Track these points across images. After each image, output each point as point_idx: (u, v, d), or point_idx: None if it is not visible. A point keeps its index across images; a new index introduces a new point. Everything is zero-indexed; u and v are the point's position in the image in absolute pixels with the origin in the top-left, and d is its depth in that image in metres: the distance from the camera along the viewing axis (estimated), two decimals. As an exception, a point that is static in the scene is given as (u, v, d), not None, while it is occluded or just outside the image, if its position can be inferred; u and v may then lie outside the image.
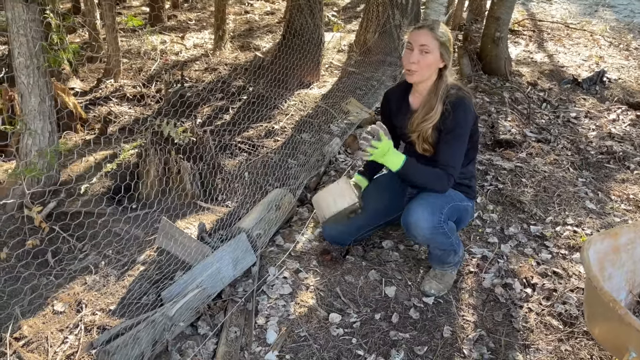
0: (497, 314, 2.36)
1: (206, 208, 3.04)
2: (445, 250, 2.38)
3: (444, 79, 2.22)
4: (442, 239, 2.30)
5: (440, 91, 2.20)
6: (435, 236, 2.27)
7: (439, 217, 2.24)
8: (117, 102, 4.63)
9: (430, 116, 2.21)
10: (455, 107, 2.17)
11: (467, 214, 2.48)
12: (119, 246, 2.67)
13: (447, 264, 2.46)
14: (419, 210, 2.22)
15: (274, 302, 2.35)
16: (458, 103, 2.18)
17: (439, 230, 2.26)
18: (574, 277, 2.61)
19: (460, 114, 2.17)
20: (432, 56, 2.16)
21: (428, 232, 2.23)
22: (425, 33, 2.16)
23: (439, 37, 2.15)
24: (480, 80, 5.28)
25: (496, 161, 3.69)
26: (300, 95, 4.79)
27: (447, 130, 2.20)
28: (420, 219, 2.21)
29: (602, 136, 4.23)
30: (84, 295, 2.37)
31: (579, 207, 3.19)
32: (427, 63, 2.17)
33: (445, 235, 2.30)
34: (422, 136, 2.26)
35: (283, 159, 3.60)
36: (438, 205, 2.25)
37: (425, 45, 2.15)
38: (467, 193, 2.44)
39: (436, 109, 2.19)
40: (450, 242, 2.35)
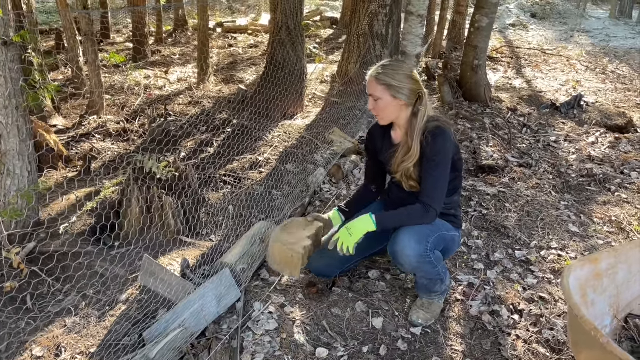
0: (485, 342, 2.33)
1: (190, 243, 3.01)
2: (431, 280, 2.37)
3: (418, 115, 2.22)
4: (428, 268, 2.30)
5: (415, 129, 2.21)
6: (422, 265, 2.27)
7: (425, 246, 2.24)
8: (100, 138, 4.61)
9: (410, 156, 2.23)
10: (434, 136, 2.19)
11: (454, 243, 2.48)
12: (100, 286, 2.61)
13: (434, 293, 2.44)
14: (406, 239, 2.22)
15: (260, 339, 2.30)
16: (437, 132, 2.19)
17: (426, 259, 2.25)
18: (560, 302, 2.60)
19: (439, 143, 2.18)
20: (383, 101, 2.21)
21: (414, 260, 2.22)
22: (371, 82, 2.22)
23: (383, 82, 2.18)
24: (461, 107, 5.36)
25: (480, 187, 3.72)
26: (284, 127, 4.82)
27: (427, 160, 2.21)
28: (407, 247, 2.21)
29: (582, 159, 4.29)
30: (64, 339, 2.31)
31: (562, 231, 3.21)
32: (381, 108, 2.23)
33: (431, 264, 2.29)
34: (405, 175, 2.29)
35: (267, 191, 3.60)
36: (424, 234, 2.25)
37: (373, 94, 2.22)
38: (453, 222, 2.44)
39: (414, 148, 2.21)
40: (437, 272, 2.34)
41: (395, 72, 2.20)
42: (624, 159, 4.25)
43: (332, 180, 3.82)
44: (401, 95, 2.20)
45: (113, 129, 4.73)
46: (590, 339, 1.52)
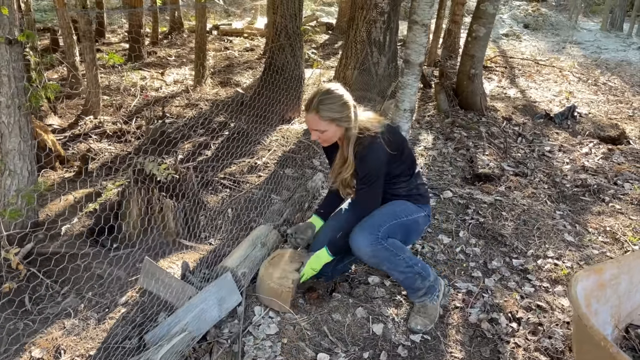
0: (484, 349, 2.36)
1: (189, 246, 3.00)
2: (404, 273, 2.42)
3: (351, 130, 2.31)
4: (388, 255, 2.36)
5: (350, 142, 2.32)
6: (379, 252, 2.34)
7: (376, 234, 2.34)
8: (97, 138, 4.59)
9: (346, 167, 2.37)
10: (362, 158, 2.31)
11: (417, 225, 2.54)
12: (100, 288, 2.60)
13: (420, 291, 2.46)
14: (356, 231, 2.36)
15: (261, 343, 2.31)
16: (363, 153, 2.30)
17: (378, 245, 2.33)
18: (557, 310, 2.63)
19: (366, 164, 2.32)
20: (329, 132, 2.29)
21: (369, 249, 2.33)
22: (313, 118, 2.27)
23: (327, 116, 2.25)
24: (457, 115, 5.41)
25: (476, 195, 3.75)
26: (282, 131, 4.83)
27: (358, 177, 2.37)
28: (358, 238, 2.33)
29: (576, 169, 4.35)
30: (63, 340, 2.29)
31: (558, 240, 3.25)
32: (327, 138, 2.32)
33: (387, 250, 2.36)
34: (342, 184, 2.45)
35: (266, 195, 3.60)
36: (375, 224, 2.37)
37: (317, 130, 2.29)
38: (417, 200, 2.53)
39: (350, 159, 2.33)
40: (402, 260, 2.39)
41: (334, 104, 2.27)
42: (617, 170, 4.31)
43: None
44: (343, 123, 2.29)
45: (110, 130, 4.71)
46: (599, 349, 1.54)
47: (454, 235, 3.23)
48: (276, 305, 2.48)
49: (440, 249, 3.09)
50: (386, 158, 2.33)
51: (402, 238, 2.48)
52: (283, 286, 2.46)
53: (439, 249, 3.08)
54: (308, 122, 2.30)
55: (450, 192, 3.75)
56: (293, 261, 2.60)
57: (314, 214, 2.76)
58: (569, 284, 1.80)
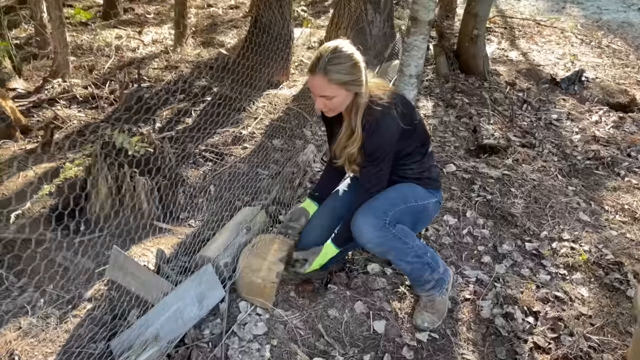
0: (499, 350, 2.09)
1: (166, 229, 2.67)
2: (411, 264, 2.11)
3: (361, 97, 1.96)
4: (396, 244, 2.05)
5: (359, 110, 1.97)
6: (387, 241, 2.04)
7: (384, 219, 2.03)
8: (65, 104, 4.17)
9: (353, 140, 2.01)
10: (370, 131, 1.96)
11: (427, 212, 2.23)
12: (62, 280, 2.28)
13: (428, 284, 2.17)
14: (359, 216, 2.04)
15: (247, 346, 2.01)
16: (373, 126, 1.96)
17: (387, 233, 2.02)
18: (577, 302, 2.37)
19: (376, 139, 1.97)
20: (338, 98, 1.92)
21: (374, 236, 2.02)
22: (320, 81, 1.88)
23: (336, 80, 1.87)
24: (457, 79, 5.05)
25: (482, 169, 3.44)
26: (269, 97, 4.44)
27: (366, 153, 2.02)
28: (361, 224, 2.03)
29: (587, 140, 4.05)
30: (18, 344, 1.98)
31: (573, 220, 2.97)
32: (335, 105, 1.95)
33: (397, 239, 2.05)
34: (348, 160, 2.11)
35: (253, 169, 3.26)
36: (382, 209, 2.05)
37: (325, 95, 1.91)
38: (428, 184, 2.20)
39: (358, 131, 1.98)
40: (411, 249, 2.09)
41: (344, 65, 1.89)
42: (630, 140, 4.02)
43: (324, 158, 3.49)
44: (354, 87, 1.93)
45: (80, 94, 4.28)
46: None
47: (460, 215, 2.93)
48: (258, 302, 2.18)
49: (446, 231, 2.79)
50: (398, 134, 1.98)
51: (410, 226, 2.16)
52: (266, 280, 2.15)
53: (444, 231, 2.79)
54: (314, 87, 1.91)
55: (454, 166, 3.44)
56: (277, 250, 2.28)
57: (308, 197, 2.44)
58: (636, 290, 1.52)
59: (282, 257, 2.24)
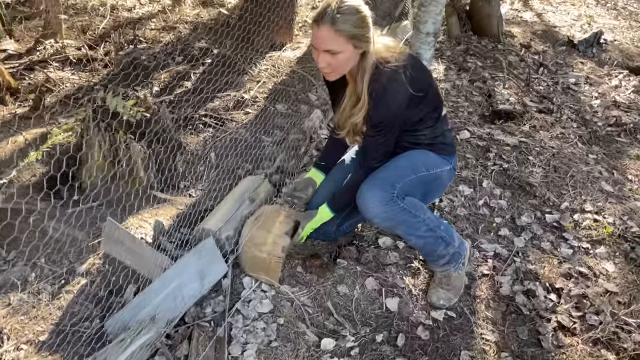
0: (521, 330, 1.96)
1: (164, 199, 2.52)
2: (423, 238, 1.96)
3: (368, 58, 1.77)
4: (406, 217, 1.90)
5: (365, 74, 1.79)
6: (395, 215, 1.88)
7: (390, 192, 1.87)
8: (58, 66, 3.96)
9: (359, 108, 1.84)
10: (377, 98, 1.79)
11: (440, 181, 2.06)
12: (55, 253, 2.14)
13: (442, 259, 2.01)
14: (365, 189, 1.90)
15: (252, 325, 1.89)
16: (380, 94, 1.78)
17: (395, 207, 1.87)
18: (602, 277, 2.23)
19: (382, 107, 1.80)
20: (343, 55, 1.72)
21: (381, 210, 1.87)
22: (326, 32, 1.67)
23: (344, 31, 1.67)
24: (470, 41, 4.80)
25: (497, 136, 3.26)
26: (272, 59, 4.21)
27: (370, 124, 1.86)
28: (367, 197, 1.89)
29: (607, 105, 3.85)
30: (7, 322, 1.86)
31: (595, 190, 2.81)
32: (339, 64, 1.76)
33: (406, 212, 1.90)
34: (352, 131, 1.97)
35: (256, 136, 3.08)
36: (389, 181, 1.90)
37: (330, 50, 1.70)
38: (442, 150, 2.03)
39: (364, 98, 1.81)
40: (422, 223, 1.93)
41: (353, 16, 1.68)
42: (653, 106, 3.82)
43: (330, 124, 3.30)
44: (362, 43, 1.73)
45: (73, 56, 4.06)
46: None
47: (476, 184, 2.77)
48: (263, 278, 2.04)
49: (461, 202, 2.63)
50: (406, 101, 1.79)
51: (421, 197, 2.00)
52: (272, 255, 2.00)
53: (459, 202, 2.63)
54: (319, 39, 1.70)
55: (468, 132, 3.25)
56: (283, 223, 2.12)
57: (313, 167, 2.27)
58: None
59: (289, 230, 2.09)
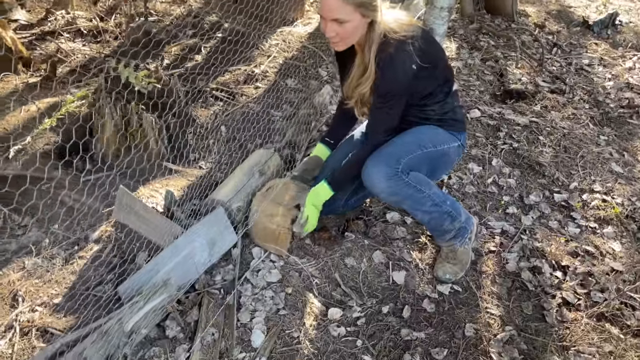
0: (525, 305, 1.99)
1: (175, 170, 2.54)
2: (429, 213, 1.97)
3: (375, 28, 1.77)
4: (411, 191, 1.91)
5: (373, 45, 1.79)
6: (399, 189, 1.89)
7: (395, 167, 1.88)
8: (69, 37, 3.96)
9: (366, 77, 1.85)
10: (384, 67, 1.78)
11: (447, 157, 2.07)
12: (67, 220, 2.18)
13: (448, 233, 2.03)
14: (370, 164, 1.92)
15: (260, 293, 1.92)
16: (387, 65, 1.78)
17: (399, 182, 1.88)
18: (608, 256, 2.25)
19: (389, 77, 1.79)
20: (351, 24, 1.73)
21: (386, 185, 1.88)
22: (334, 1, 1.68)
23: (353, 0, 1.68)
24: (483, 20, 4.74)
25: (508, 115, 3.25)
26: (283, 34, 4.19)
27: (377, 94, 1.85)
28: (372, 172, 1.90)
29: (620, 87, 3.81)
30: (22, 285, 1.91)
31: (605, 171, 2.80)
32: (347, 33, 1.76)
33: (410, 186, 1.91)
34: (360, 101, 1.96)
35: (265, 110, 3.09)
36: (394, 154, 1.91)
37: (338, 18, 1.71)
38: (451, 126, 2.03)
39: (371, 67, 1.81)
40: (427, 198, 1.94)
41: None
42: (667, 89, 3.77)
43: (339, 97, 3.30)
44: (370, 12, 1.73)
45: (84, 27, 4.06)
46: None
47: (485, 163, 2.77)
48: (272, 249, 2.07)
49: (470, 180, 2.64)
50: (414, 71, 1.79)
51: (428, 173, 2.01)
52: (281, 227, 2.03)
53: (467, 180, 2.64)
54: (326, 7, 1.71)
55: (479, 111, 3.24)
56: (294, 196, 2.14)
57: (320, 142, 2.27)
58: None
59: (297, 202, 2.11)
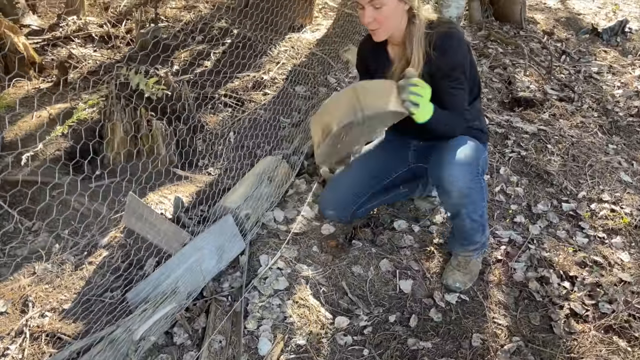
0: (533, 315, 1.98)
1: (184, 176, 2.56)
2: (475, 222, 1.95)
3: (416, 21, 1.77)
4: (478, 198, 1.90)
5: (414, 38, 1.78)
6: (473, 193, 1.87)
7: (476, 169, 1.88)
8: (81, 43, 4.00)
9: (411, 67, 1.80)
10: (445, 48, 1.76)
11: (485, 167, 2.04)
12: (77, 225, 2.20)
13: (473, 245, 2.03)
14: (454, 161, 1.84)
15: (267, 301, 1.93)
16: (446, 41, 1.76)
17: (476, 184, 1.88)
18: (616, 267, 2.23)
19: (453, 54, 1.78)
20: (388, 7, 1.71)
21: (464, 185, 1.84)
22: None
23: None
24: (492, 27, 4.74)
25: (516, 123, 3.24)
26: (291, 40, 4.21)
27: (443, 75, 1.80)
28: (456, 170, 1.83)
29: (629, 95, 3.79)
30: (32, 290, 1.93)
31: (614, 180, 2.79)
32: (385, 16, 1.74)
33: (482, 191, 1.91)
34: None
35: (274, 117, 3.10)
36: (473, 156, 1.88)
37: (374, 1, 1.69)
38: (479, 138, 1.99)
39: (414, 61, 1.79)
40: (483, 207, 1.95)
41: None
42: (677, 97, 3.75)
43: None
44: None
45: (95, 33, 4.10)
46: None
47: (493, 171, 2.76)
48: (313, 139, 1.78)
49: (477, 188, 2.63)
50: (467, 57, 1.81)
51: None
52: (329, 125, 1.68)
53: (475, 188, 2.63)
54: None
55: (487, 119, 3.24)
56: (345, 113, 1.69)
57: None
58: None
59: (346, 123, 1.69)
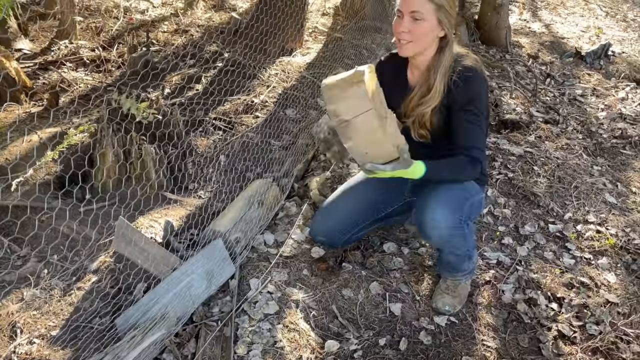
0: (522, 337, 1.99)
1: (174, 200, 2.57)
2: (459, 256, 1.99)
3: (446, 52, 1.78)
4: (459, 241, 1.93)
5: (441, 67, 1.78)
6: (453, 238, 1.90)
7: (460, 215, 1.87)
8: (72, 67, 4.03)
9: (429, 98, 1.81)
10: (467, 79, 1.77)
11: (480, 207, 2.07)
12: (66, 250, 2.19)
13: (460, 272, 2.06)
14: (438, 206, 1.83)
15: (257, 325, 1.93)
16: (471, 74, 1.77)
17: (459, 231, 1.89)
18: (603, 288, 2.26)
19: (475, 86, 1.78)
20: (428, 24, 1.71)
21: (446, 232, 1.86)
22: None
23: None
24: (478, 51, 4.84)
25: (503, 145, 3.30)
26: (282, 64, 4.27)
27: (461, 107, 1.79)
28: (438, 215, 1.83)
29: (613, 117, 3.88)
30: (20, 316, 1.91)
31: (599, 202, 2.84)
32: (421, 32, 1.72)
33: (463, 237, 1.93)
34: (418, 121, 1.88)
35: (265, 140, 3.13)
36: (459, 202, 1.88)
37: (416, 12, 1.69)
38: (479, 180, 2.00)
39: (435, 89, 1.79)
40: (466, 247, 1.97)
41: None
42: (659, 119, 3.84)
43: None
44: (446, 22, 1.74)
45: (87, 57, 4.13)
46: None
47: (480, 193, 2.80)
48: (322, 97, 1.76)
49: (466, 210, 2.67)
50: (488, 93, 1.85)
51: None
52: None
53: (463, 210, 2.66)
54: (407, 2, 1.69)
55: (474, 141, 3.29)
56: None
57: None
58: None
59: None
